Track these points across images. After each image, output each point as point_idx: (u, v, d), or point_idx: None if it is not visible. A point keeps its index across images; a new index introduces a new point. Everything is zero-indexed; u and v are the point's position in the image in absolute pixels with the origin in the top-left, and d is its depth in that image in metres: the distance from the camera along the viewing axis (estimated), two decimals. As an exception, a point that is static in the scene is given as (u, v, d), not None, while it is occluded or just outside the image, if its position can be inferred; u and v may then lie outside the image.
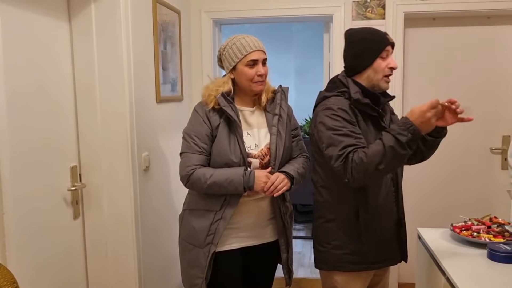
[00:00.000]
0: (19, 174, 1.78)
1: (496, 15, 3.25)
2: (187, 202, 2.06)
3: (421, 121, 1.65)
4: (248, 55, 1.92)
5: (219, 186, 1.87)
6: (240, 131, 1.92)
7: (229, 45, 1.95)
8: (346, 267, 1.91)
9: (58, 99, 2.09)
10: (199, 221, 1.96)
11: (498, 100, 3.35)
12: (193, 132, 1.94)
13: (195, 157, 1.92)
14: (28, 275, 1.83)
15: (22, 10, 1.86)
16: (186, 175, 1.91)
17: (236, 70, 1.95)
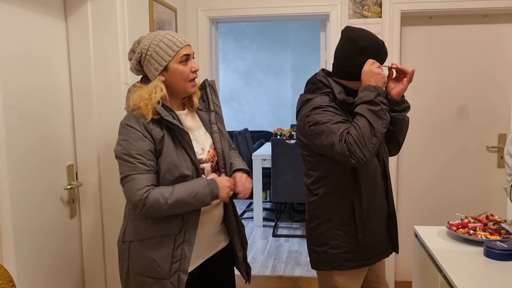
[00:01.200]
0: (15, 173, 1.77)
1: (492, 13, 3.26)
2: (132, 232, 1.74)
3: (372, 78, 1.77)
4: (180, 50, 1.70)
5: (183, 204, 1.64)
6: (189, 139, 1.71)
7: (154, 44, 1.69)
8: (346, 265, 1.92)
9: (54, 97, 2.08)
10: (157, 251, 1.69)
11: (494, 98, 3.36)
12: (133, 150, 1.63)
13: (144, 177, 1.63)
14: (25, 274, 1.82)
15: (18, 8, 1.85)
16: (140, 200, 1.60)
17: (169, 70, 1.70)
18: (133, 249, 1.73)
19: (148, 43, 1.71)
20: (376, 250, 1.97)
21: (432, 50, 3.38)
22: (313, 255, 2.02)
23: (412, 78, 1.87)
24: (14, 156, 1.77)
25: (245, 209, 6.02)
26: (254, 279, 3.78)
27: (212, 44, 3.45)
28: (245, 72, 7.39)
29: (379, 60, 1.85)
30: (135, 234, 1.74)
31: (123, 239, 1.77)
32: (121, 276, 1.80)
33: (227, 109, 7.38)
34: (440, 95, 3.40)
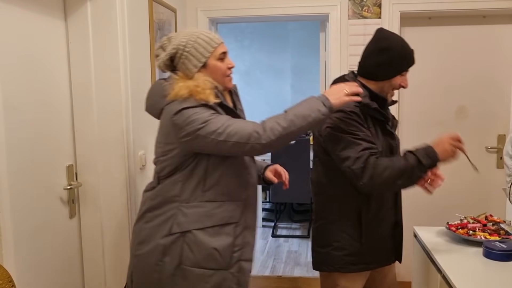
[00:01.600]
0: (15, 173, 1.77)
1: (491, 14, 3.27)
2: (188, 221, 1.67)
3: (441, 150, 1.76)
4: (218, 48, 1.73)
5: (302, 119, 1.60)
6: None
7: (192, 41, 1.69)
8: (347, 268, 1.92)
9: (54, 97, 2.08)
10: (218, 240, 1.67)
11: (494, 99, 3.36)
12: (206, 116, 1.60)
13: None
14: (25, 274, 1.82)
15: (18, 8, 1.85)
16: (269, 137, 1.58)
17: (208, 67, 1.71)
18: (189, 240, 1.66)
19: (185, 40, 1.69)
20: (378, 256, 1.97)
21: (432, 51, 3.38)
22: (316, 256, 2.02)
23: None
24: (14, 156, 1.77)
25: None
26: (253, 279, 3.79)
27: (212, 45, 3.44)
28: (244, 72, 7.39)
29: (400, 66, 1.87)
30: (192, 222, 1.67)
31: (171, 231, 1.67)
32: (163, 273, 1.68)
33: (227, 109, 7.37)
34: (440, 95, 3.41)
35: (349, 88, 1.67)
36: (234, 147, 1.58)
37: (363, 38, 3.22)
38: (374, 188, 1.77)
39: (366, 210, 1.89)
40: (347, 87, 1.67)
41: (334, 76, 3.23)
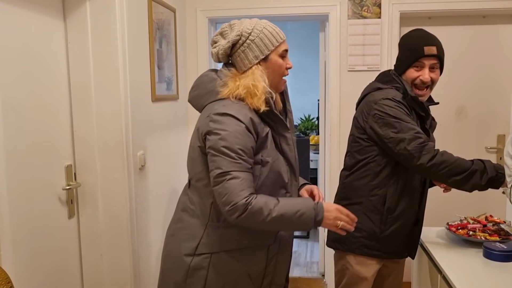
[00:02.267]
0: (14, 173, 1.77)
1: (491, 14, 3.26)
2: (216, 241, 1.53)
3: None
4: (282, 44, 1.57)
5: (286, 221, 1.45)
6: (289, 136, 1.60)
7: (258, 30, 1.53)
8: (360, 250, 1.97)
9: (52, 97, 2.08)
10: (249, 264, 1.54)
11: (493, 99, 3.36)
12: (237, 145, 1.44)
13: (247, 176, 1.44)
14: (23, 275, 1.82)
15: (16, 8, 1.84)
16: (244, 204, 1.39)
17: (268, 61, 1.55)
18: (217, 262, 1.53)
19: (251, 27, 1.54)
20: (392, 247, 1.99)
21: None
22: (332, 234, 2.06)
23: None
24: (12, 157, 1.76)
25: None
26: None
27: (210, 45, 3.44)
28: (244, 72, 7.39)
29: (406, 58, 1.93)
30: (221, 244, 1.53)
31: (196, 251, 1.53)
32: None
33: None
34: (439, 96, 3.37)
35: (344, 222, 1.54)
36: (219, 194, 1.44)
37: (363, 38, 3.22)
38: (430, 172, 1.81)
39: (391, 199, 1.93)
40: (343, 221, 1.54)
41: (333, 76, 3.24)
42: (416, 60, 1.91)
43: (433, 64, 1.92)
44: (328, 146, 3.38)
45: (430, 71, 1.92)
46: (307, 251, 4.41)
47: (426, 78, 1.91)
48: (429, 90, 1.97)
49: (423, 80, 1.91)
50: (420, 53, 1.90)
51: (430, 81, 1.93)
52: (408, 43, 1.97)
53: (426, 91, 1.96)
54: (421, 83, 1.92)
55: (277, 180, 1.55)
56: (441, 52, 1.94)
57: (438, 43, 1.94)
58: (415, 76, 1.92)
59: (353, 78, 3.23)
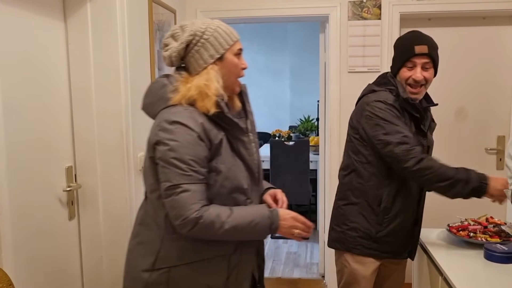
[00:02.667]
0: (14, 175, 1.76)
1: (491, 15, 3.27)
2: (174, 255, 1.47)
3: (492, 187, 1.85)
4: (237, 42, 1.52)
5: (240, 232, 1.43)
6: (247, 140, 1.54)
7: (212, 29, 1.48)
8: (357, 249, 2.00)
9: (53, 99, 2.07)
10: (211, 276, 1.48)
11: (493, 100, 3.36)
12: (187, 155, 1.38)
13: (199, 189, 1.39)
14: (24, 277, 1.81)
15: (17, 9, 1.84)
16: (194, 219, 1.36)
17: (224, 61, 1.49)
18: (176, 276, 1.47)
19: (204, 27, 1.48)
20: (391, 247, 2.00)
21: (431, 52, 3.38)
22: (332, 234, 2.10)
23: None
24: (13, 158, 1.76)
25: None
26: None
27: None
28: (243, 73, 7.39)
29: (399, 57, 1.97)
30: (180, 257, 1.47)
31: (154, 266, 1.47)
32: None
33: (226, 110, 7.37)
34: (439, 97, 3.36)
35: (300, 230, 1.51)
36: (169, 207, 1.40)
37: (363, 39, 3.22)
38: (415, 176, 1.87)
39: (388, 199, 1.95)
40: (299, 230, 1.51)
41: (333, 77, 3.25)
42: (407, 60, 1.93)
43: (425, 63, 1.93)
44: (328, 147, 3.38)
45: (423, 70, 1.94)
46: (307, 252, 4.41)
47: (418, 76, 1.92)
48: (423, 88, 1.97)
49: (415, 79, 1.93)
50: (411, 52, 1.93)
51: (423, 80, 1.94)
52: (400, 44, 2.01)
53: (420, 89, 1.96)
54: (414, 82, 1.94)
55: (234, 187, 1.48)
56: (433, 52, 1.94)
57: (430, 43, 1.95)
58: (408, 76, 1.94)
59: (353, 79, 3.24)
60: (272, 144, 4.88)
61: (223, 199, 1.46)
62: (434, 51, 1.95)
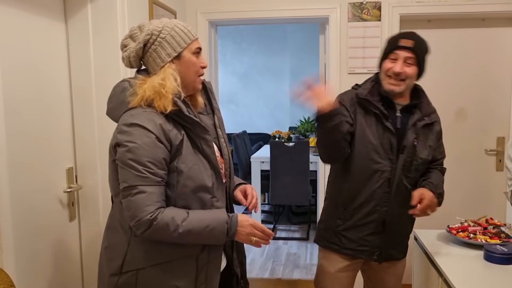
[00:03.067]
0: (15, 176, 1.77)
1: (490, 17, 3.27)
2: (143, 257, 1.46)
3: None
4: (195, 41, 1.52)
5: (195, 236, 1.43)
6: (209, 138, 1.52)
7: (169, 28, 1.48)
8: (321, 242, 2.10)
9: (54, 100, 2.08)
10: (179, 277, 1.47)
11: (493, 101, 3.37)
12: (145, 157, 1.38)
13: (155, 190, 1.39)
14: (25, 278, 1.81)
15: (18, 10, 1.84)
16: (148, 221, 1.36)
17: (182, 59, 1.49)
18: (144, 278, 1.46)
19: (161, 26, 1.48)
20: (351, 244, 2.01)
21: (431, 54, 3.38)
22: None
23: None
24: (14, 159, 1.76)
25: (243, 212, 6.02)
26: (252, 282, 3.77)
27: (211, 47, 3.45)
28: (243, 74, 7.40)
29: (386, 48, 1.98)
30: (146, 259, 1.46)
31: (122, 269, 1.47)
32: None
33: (225, 111, 7.37)
34: (439, 98, 3.39)
35: (258, 237, 1.51)
36: (126, 208, 1.42)
37: (363, 41, 3.23)
38: (321, 158, 2.03)
39: (347, 193, 1.99)
40: (257, 237, 1.51)
41: (333, 79, 3.25)
42: (391, 51, 1.93)
43: (408, 57, 1.90)
44: (328, 149, 3.38)
45: (405, 65, 1.90)
46: (307, 253, 4.41)
47: (397, 69, 1.89)
48: (403, 83, 1.93)
49: (394, 71, 1.90)
50: (395, 43, 1.93)
51: (403, 74, 1.90)
52: (390, 38, 2.02)
53: (399, 83, 1.92)
54: (393, 74, 1.91)
55: (198, 186, 1.47)
56: (418, 48, 1.92)
57: (418, 41, 1.94)
58: (389, 67, 1.93)
59: (353, 80, 3.20)
60: (272, 145, 4.89)
61: (187, 198, 1.46)
62: (420, 49, 1.94)
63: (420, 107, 2.02)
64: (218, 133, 1.66)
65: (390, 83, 1.93)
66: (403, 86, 1.94)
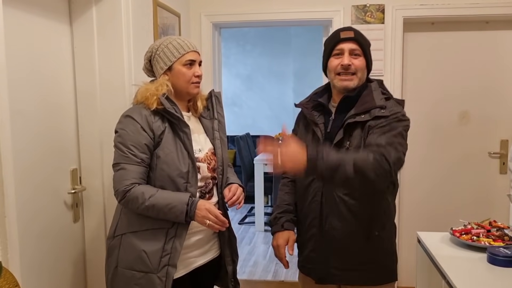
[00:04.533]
0: (21, 177, 1.78)
1: (494, 20, 3.27)
2: (125, 224, 1.78)
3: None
4: (186, 54, 1.82)
5: (158, 211, 1.69)
6: (188, 131, 1.78)
7: (164, 45, 1.83)
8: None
9: (58, 102, 2.09)
10: (148, 244, 1.73)
11: (496, 104, 3.36)
12: (129, 141, 1.72)
13: (134, 169, 1.71)
14: (29, 278, 1.82)
15: (24, 13, 1.86)
16: (122, 191, 1.69)
17: (173, 71, 1.82)
18: (124, 242, 1.76)
19: (159, 44, 1.85)
20: (305, 263, 1.94)
21: (434, 56, 3.39)
22: None
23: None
24: (19, 161, 1.77)
25: (247, 214, 6.01)
26: (255, 284, 3.78)
27: (215, 49, 3.46)
28: (246, 76, 7.40)
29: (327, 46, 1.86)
30: (128, 226, 1.77)
31: (114, 233, 1.80)
32: (107, 276, 1.82)
33: (229, 113, 7.36)
34: (442, 101, 3.41)
35: (212, 222, 1.72)
36: (112, 181, 1.76)
37: (366, 43, 3.23)
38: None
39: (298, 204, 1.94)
40: (211, 221, 1.71)
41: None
42: (334, 47, 1.82)
43: (353, 49, 1.80)
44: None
45: (352, 58, 1.80)
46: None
47: (345, 61, 1.78)
48: (355, 77, 1.80)
49: (343, 64, 1.79)
50: (337, 38, 1.82)
51: (352, 67, 1.79)
52: (327, 38, 1.90)
53: (352, 77, 1.80)
54: (342, 69, 1.79)
55: (173, 170, 1.74)
56: (360, 38, 1.82)
57: (357, 31, 1.84)
58: (336, 64, 1.81)
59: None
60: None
61: (164, 180, 1.75)
62: (363, 39, 1.83)
63: (358, 104, 1.81)
64: (215, 135, 1.95)
65: (342, 79, 1.81)
66: (356, 81, 1.81)
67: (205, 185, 1.87)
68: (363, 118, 1.75)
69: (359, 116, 1.76)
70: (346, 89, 1.82)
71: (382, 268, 1.86)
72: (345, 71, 1.80)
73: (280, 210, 1.96)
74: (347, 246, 1.80)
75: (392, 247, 1.91)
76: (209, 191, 1.88)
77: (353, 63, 1.80)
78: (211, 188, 1.89)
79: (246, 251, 4.62)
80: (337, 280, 1.86)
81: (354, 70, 1.80)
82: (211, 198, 1.89)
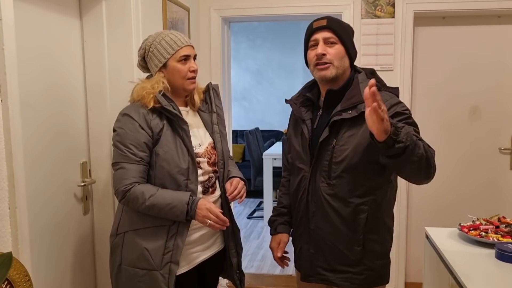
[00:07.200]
0: (31, 169, 1.80)
1: (506, 14, 3.23)
2: (127, 222, 1.77)
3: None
4: (180, 50, 1.78)
5: (158, 210, 1.69)
6: (187, 128, 1.76)
7: (157, 41, 1.79)
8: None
9: (69, 95, 2.11)
10: (150, 241, 1.73)
11: (507, 100, 3.33)
12: (128, 140, 1.70)
13: (133, 168, 1.70)
14: (39, 269, 1.86)
15: (34, 7, 1.88)
16: (122, 191, 1.68)
17: (168, 67, 1.79)
18: (127, 240, 1.76)
19: (151, 40, 1.81)
20: (299, 260, 1.94)
21: (445, 51, 3.36)
22: None
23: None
24: (30, 153, 1.80)
25: (255, 208, 6.03)
26: (264, 278, 3.80)
27: (225, 44, 3.46)
28: (256, 71, 7.40)
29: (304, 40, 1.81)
30: (130, 224, 1.77)
31: (117, 231, 1.81)
32: (112, 273, 1.83)
33: (238, 108, 7.39)
34: (453, 96, 3.38)
35: (212, 221, 1.70)
36: (112, 180, 1.77)
37: (376, 38, 3.21)
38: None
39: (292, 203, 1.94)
40: (212, 220, 1.70)
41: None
42: (309, 39, 1.77)
43: (327, 37, 1.71)
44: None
45: (328, 46, 1.71)
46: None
47: (319, 50, 1.70)
48: (332, 66, 1.71)
49: (317, 54, 1.71)
50: (310, 29, 1.76)
51: (328, 56, 1.71)
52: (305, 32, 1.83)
53: (327, 66, 1.71)
54: (318, 59, 1.72)
55: (172, 167, 1.73)
56: (334, 25, 1.72)
57: (332, 18, 1.75)
58: (313, 55, 1.74)
59: (366, 77, 3.22)
60: (284, 142, 4.89)
61: (164, 178, 1.74)
62: (337, 26, 1.74)
63: (344, 98, 1.73)
64: (214, 129, 1.93)
65: (318, 69, 1.73)
66: (334, 70, 1.71)
67: (208, 180, 1.86)
68: (350, 114, 1.67)
69: (346, 112, 1.68)
70: (324, 79, 1.73)
71: (371, 271, 1.78)
72: (320, 61, 1.72)
73: (275, 213, 2.02)
74: (333, 246, 1.77)
75: (384, 250, 1.82)
76: (212, 185, 1.88)
77: (328, 52, 1.71)
78: (213, 182, 1.88)
79: (254, 245, 4.63)
80: (323, 279, 1.82)
81: (329, 59, 1.71)
82: (214, 192, 1.88)
